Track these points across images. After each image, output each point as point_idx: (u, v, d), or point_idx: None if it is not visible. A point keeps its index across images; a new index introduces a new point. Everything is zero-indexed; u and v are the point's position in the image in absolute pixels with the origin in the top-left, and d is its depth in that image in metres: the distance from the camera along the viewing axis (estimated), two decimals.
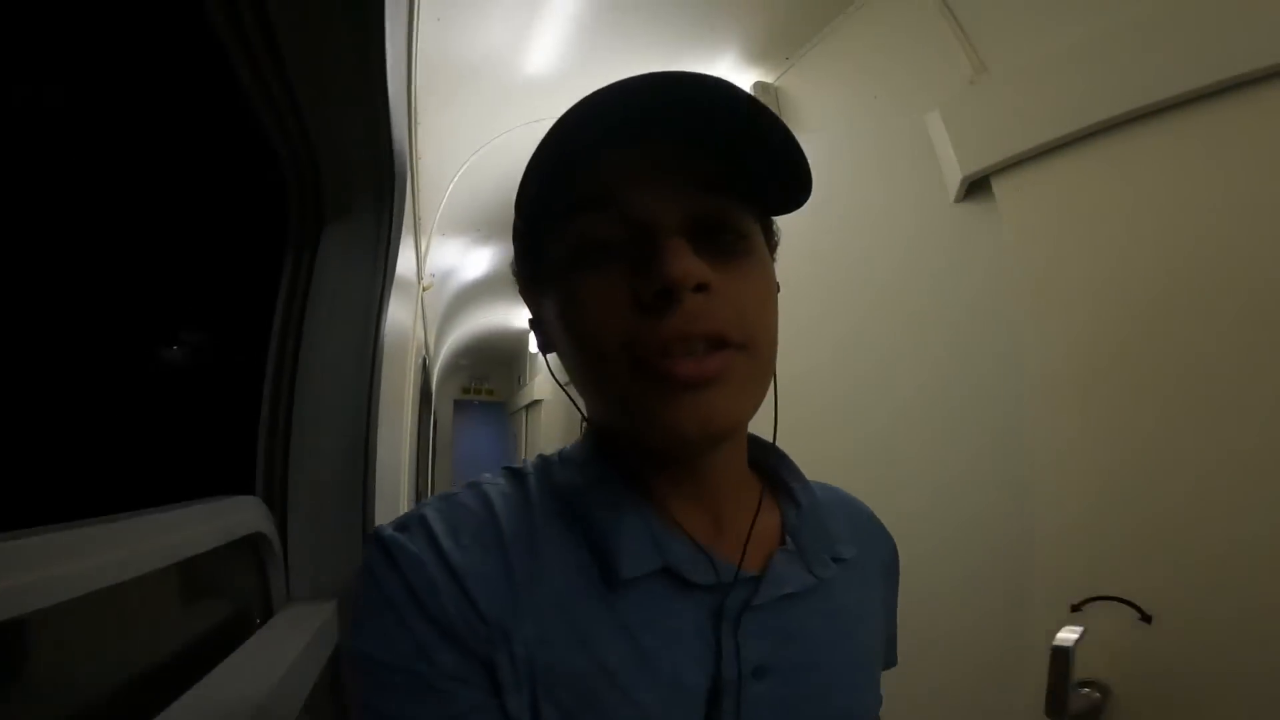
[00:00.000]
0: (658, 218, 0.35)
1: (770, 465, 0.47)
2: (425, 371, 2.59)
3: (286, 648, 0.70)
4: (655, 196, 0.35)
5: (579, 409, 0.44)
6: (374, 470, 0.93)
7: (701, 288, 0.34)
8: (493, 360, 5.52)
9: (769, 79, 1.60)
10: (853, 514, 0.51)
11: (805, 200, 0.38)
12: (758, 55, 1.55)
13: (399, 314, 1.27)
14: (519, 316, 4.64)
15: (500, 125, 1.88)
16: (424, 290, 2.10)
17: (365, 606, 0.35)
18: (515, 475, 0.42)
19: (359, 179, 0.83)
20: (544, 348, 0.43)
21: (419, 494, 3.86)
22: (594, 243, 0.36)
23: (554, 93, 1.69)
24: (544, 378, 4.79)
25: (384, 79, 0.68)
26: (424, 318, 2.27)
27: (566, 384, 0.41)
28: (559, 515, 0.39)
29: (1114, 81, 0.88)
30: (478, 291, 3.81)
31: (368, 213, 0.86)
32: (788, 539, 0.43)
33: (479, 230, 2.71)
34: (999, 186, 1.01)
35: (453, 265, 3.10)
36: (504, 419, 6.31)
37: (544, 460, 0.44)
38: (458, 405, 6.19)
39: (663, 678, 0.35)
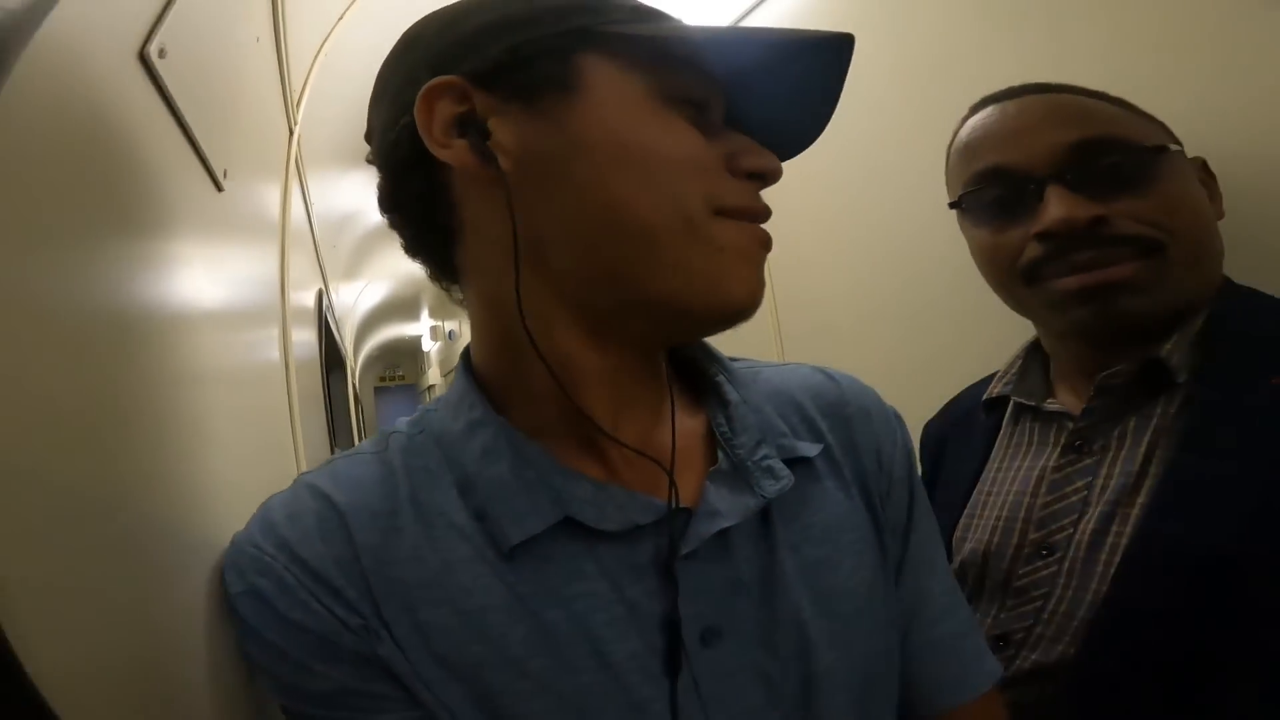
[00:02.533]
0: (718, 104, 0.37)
1: (687, 355, 0.42)
2: (331, 336, 1.86)
3: None
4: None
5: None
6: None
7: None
8: (400, 353, 6.82)
9: None
10: (820, 394, 0.42)
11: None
12: None
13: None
14: (415, 325, 5.45)
15: None
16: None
17: (241, 631, 0.31)
18: (380, 439, 0.38)
19: None
20: (500, 182, 0.32)
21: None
22: (697, 100, 0.35)
23: None
24: (435, 370, 5.63)
25: None
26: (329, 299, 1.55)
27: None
28: (432, 476, 0.35)
29: None
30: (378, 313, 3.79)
31: None
32: (720, 454, 0.37)
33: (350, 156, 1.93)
34: None
35: (357, 207, 2.44)
36: (415, 396, 7.63)
37: (420, 411, 0.39)
38: (378, 391, 7.14)
39: (580, 655, 0.31)
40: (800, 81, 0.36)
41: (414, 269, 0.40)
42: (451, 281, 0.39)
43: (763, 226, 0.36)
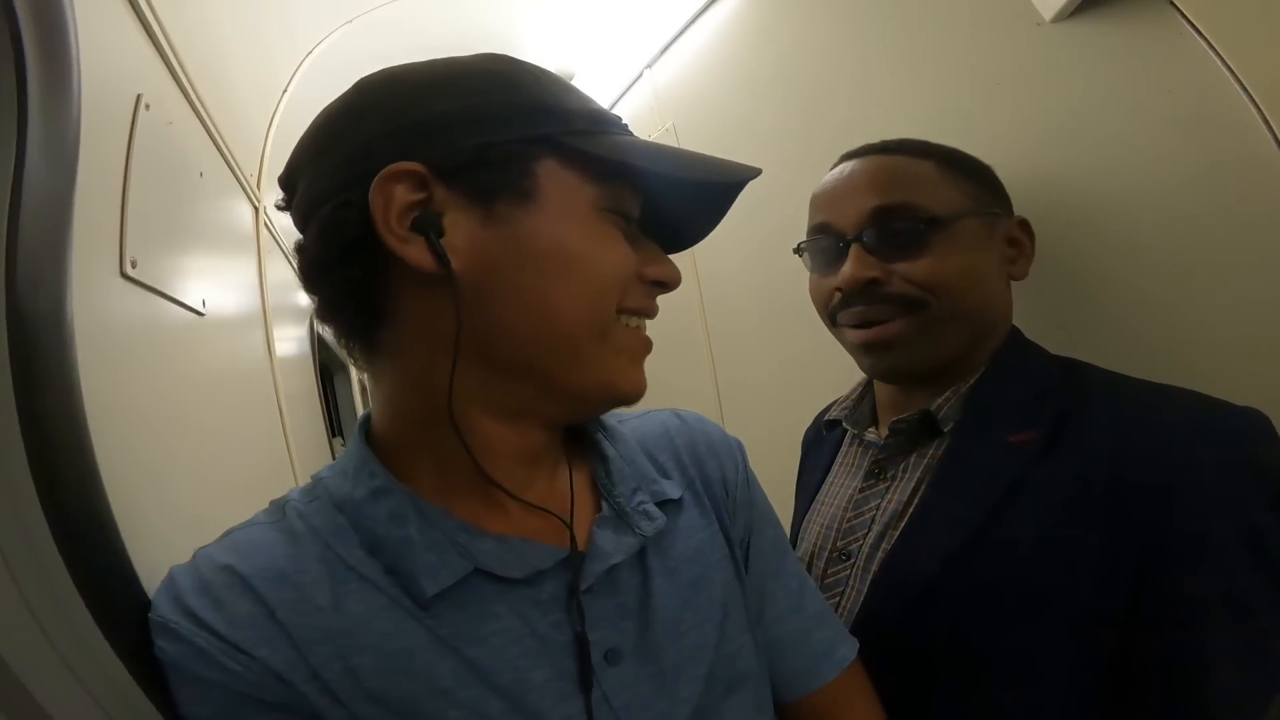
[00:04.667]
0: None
1: None
2: (324, 345, 2.05)
3: None
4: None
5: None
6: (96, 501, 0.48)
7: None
8: None
9: None
10: (675, 437, 0.48)
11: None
12: None
13: (194, 237, 0.78)
14: None
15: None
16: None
17: (170, 662, 0.32)
18: (275, 509, 0.39)
19: None
20: (445, 278, 0.34)
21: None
22: (626, 210, 0.39)
23: None
24: None
25: None
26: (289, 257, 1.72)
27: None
28: (339, 537, 0.36)
29: None
30: None
31: None
32: (603, 503, 0.41)
33: None
34: None
35: None
36: None
37: (312, 481, 0.41)
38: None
39: (504, 683, 0.34)
40: (709, 200, 0.42)
41: None
42: (365, 352, 0.39)
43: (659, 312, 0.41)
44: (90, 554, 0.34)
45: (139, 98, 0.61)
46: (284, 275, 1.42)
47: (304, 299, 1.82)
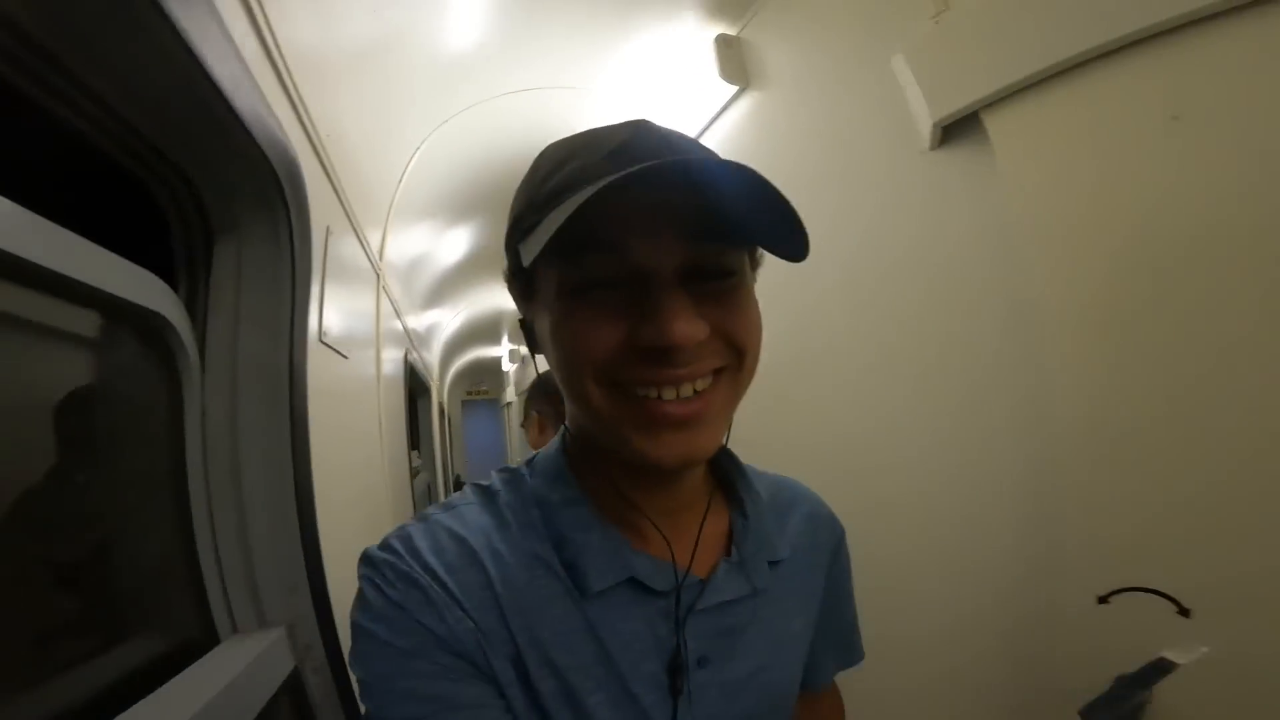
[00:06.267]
0: (656, 264, 0.36)
1: (724, 466, 0.51)
2: (414, 373, 2.50)
3: (231, 679, 0.67)
4: (654, 245, 0.36)
5: (562, 419, 0.47)
6: (309, 482, 0.84)
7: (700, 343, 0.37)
8: (485, 370, 7.90)
9: (732, 31, 1.45)
10: (797, 508, 0.55)
11: (806, 249, 0.37)
12: (718, 7, 1.41)
13: (346, 309, 1.19)
14: (497, 348, 6.23)
15: (453, 105, 1.76)
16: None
17: (370, 609, 0.39)
18: (486, 494, 0.46)
19: (236, 186, 0.73)
20: (533, 349, 0.45)
21: (446, 479, 4.94)
22: (594, 280, 0.37)
23: (508, 65, 1.56)
24: (511, 389, 6.71)
25: (204, 73, 0.57)
26: (396, 306, 2.18)
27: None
28: (535, 530, 0.44)
29: (1085, 12, 0.74)
30: (461, 274, 3.88)
31: (260, 221, 0.76)
32: (733, 550, 0.48)
33: (448, 213, 2.57)
34: (989, 121, 0.87)
35: (425, 249, 2.90)
36: (497, 409, 8.52)
37: (513, 475, 0.47)
38: (465, 404, 8.21)
39: (623, 670, 0.42)
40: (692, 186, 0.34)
41: (491, 301, 0.72)
42: None
43: (697, 397, 0.38)
44: (309, 511, 0.70)
45: (328, 229, 1.02)
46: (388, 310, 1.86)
47: (400, 327, 2.30)
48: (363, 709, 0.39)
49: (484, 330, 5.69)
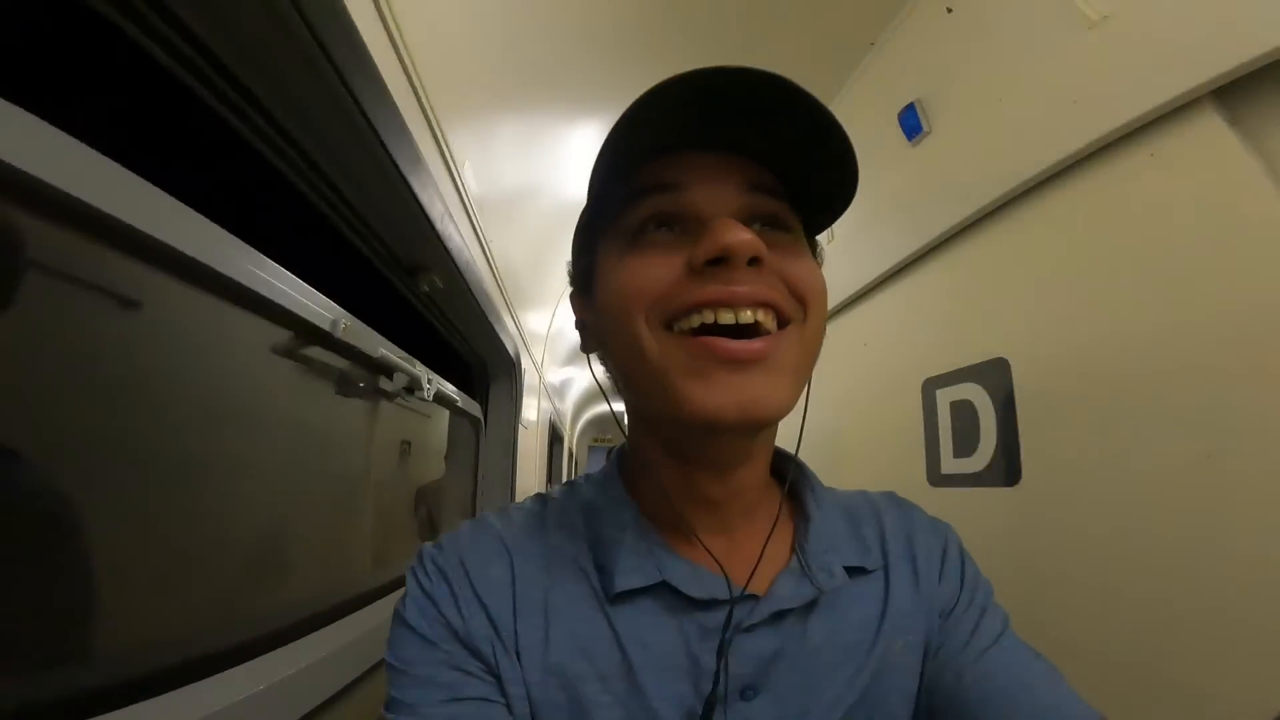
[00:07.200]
0: (714, 207, 0.37)
1: (791, 477, 0.47)
2: (553, 426, 3.77)
3: None
4: (714, 190, 0.37)
5: (619, 425, 0.48)
6: (516, 478, 1.99)
7: (755, 261, 0.35)
8: (607, 422, 9.53)
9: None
10: (883, 515, 0.49)
11: (842, 210, 0.39)
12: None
13: (531, 410, 2.39)
14: (619, 405, 7.25)
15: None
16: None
17: (407, 597, 0.41)
18: (541, 499, 0.48)
19: (495, 363, 1.92)
20: (585, 347, 0.47)
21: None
22: (655, 218, 0.38)
23: None
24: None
25: (499, 342, 1.75)
26: (553, 403, 3.42)
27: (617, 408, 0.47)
28: (574, 531, 0.44)
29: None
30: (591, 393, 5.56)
31: (505, 379, 1.94)
32: (794, 558, 0.43)
33: (574, 354, 3.91)
34: None
35: (571, 375, 4.54)
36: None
37: (572, 484, 0.49)
38: (591, 449, 9.99)
39: (645, 691, 0.38)
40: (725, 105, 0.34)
41: None
42: None
43: (758, 338, 0.35)
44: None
45: (518, 366, 2.22)
46: (546, 406, 3.08)
47: (551, 408, 3.61)
48: (387, 693, 0.39)
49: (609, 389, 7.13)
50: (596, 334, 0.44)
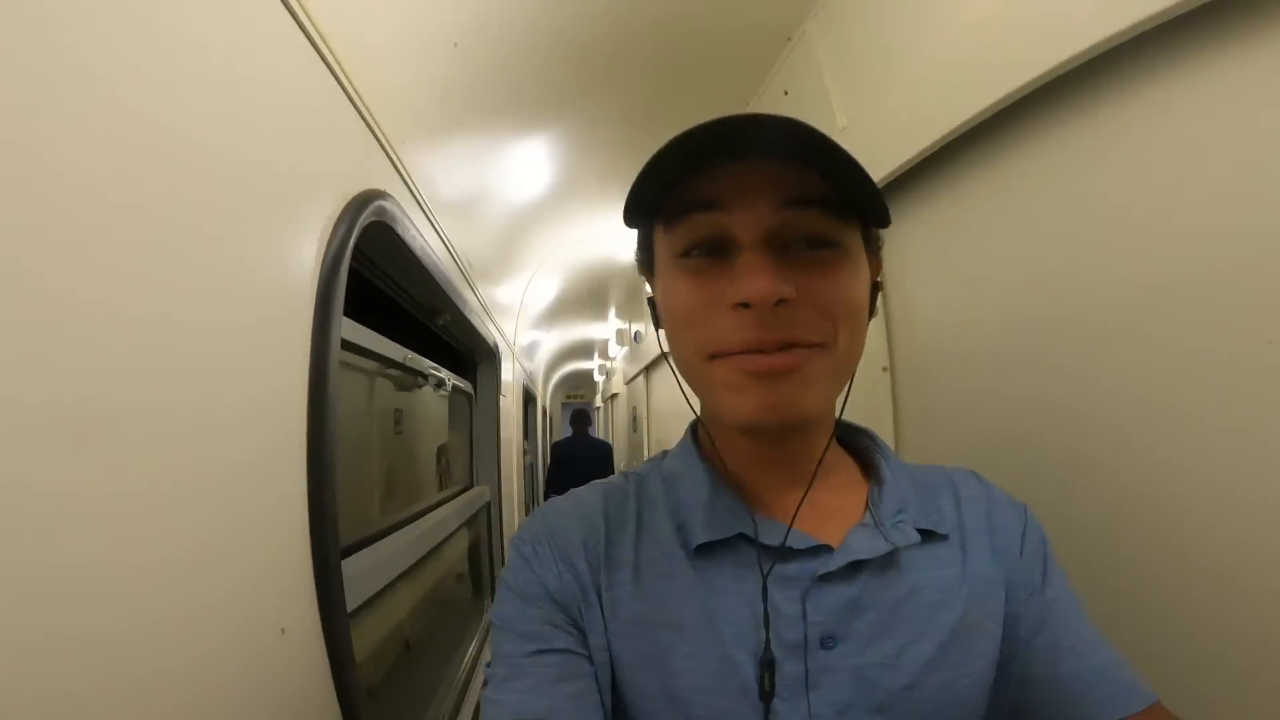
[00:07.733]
0: (744, 226, 0.38)
1: (863, 447, 0.51)
2: (526, 390, 4.39)
3: (478, 493, 2.43)
4: (746, 208, 0.38)
5: (690, 405, 0.51)
6: (500, 435, 2.62)
7: (781, 301, 0.37)
8: (580, 380, 10.06)
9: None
10: (960, 487, 0.49)
11: (888, 218, 0.40)
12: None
13: (510, 375, 2.99)
14: (589, 362, 8.22)
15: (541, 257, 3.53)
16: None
17: (509, 563, 0.46)
18: (625, 474, 0.52)
19: (480, 352, 2.51)
20: (658, 323, 0.48)
21: (542, 450, 6.90)
22: (695, 242, 0.40)
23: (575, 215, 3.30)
24: (599, 395, 8.71)
25: (482, 340, 2.35)
26: (522, 365, 4.03)
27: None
28: (656, 497, 0.48)
29: None
30: (561, 354, 6.38)
31: (488, 363, 2.54)
32: (867, 513, 0.45)
33: (544, 320, 4.49)
34: None
35: (538, 338, 5.05)
36: (590, 408, 10.48)
37: (654, 458, 0.53)
38: (564, 405, 10.24)
39: (724, 640, 0.40)
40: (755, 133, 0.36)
41: (582, 331, 1.67)
42: None
43: (782, 353, 0.38)
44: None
45: (497, 348, 2.81)
46: (519, 371, 3.70)
47: (523, 371, 4.21)
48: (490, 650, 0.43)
49: (577, 350, 7.60)
50: (664, 324, 0.46)
